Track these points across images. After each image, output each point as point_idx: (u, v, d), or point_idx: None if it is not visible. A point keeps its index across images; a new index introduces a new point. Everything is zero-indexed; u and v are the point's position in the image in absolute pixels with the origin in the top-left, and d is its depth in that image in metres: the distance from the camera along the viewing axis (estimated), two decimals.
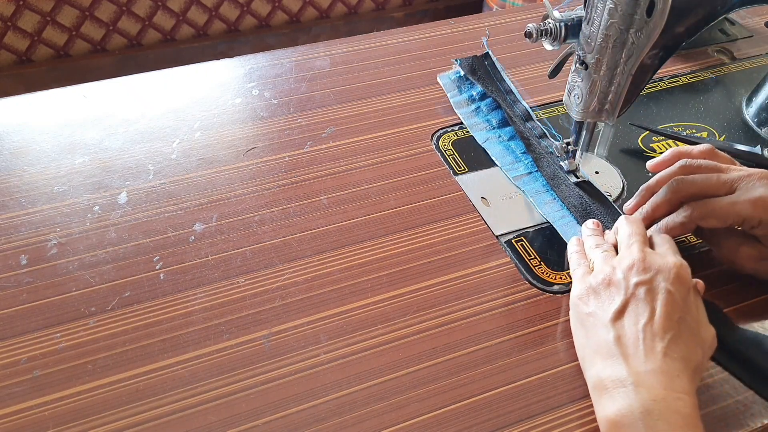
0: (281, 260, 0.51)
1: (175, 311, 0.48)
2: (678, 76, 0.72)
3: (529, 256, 0.53)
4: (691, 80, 0.72)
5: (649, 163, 0.55)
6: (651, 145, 0.63)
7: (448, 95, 0.67)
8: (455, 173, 0.60)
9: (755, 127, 0.66)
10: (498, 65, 0.68)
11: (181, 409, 0.42)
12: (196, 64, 0.71)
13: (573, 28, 0.49)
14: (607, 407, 0.39)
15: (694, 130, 0.65)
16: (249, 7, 1.75)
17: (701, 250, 0.54)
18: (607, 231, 0.51)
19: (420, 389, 0.44)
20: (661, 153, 0.62)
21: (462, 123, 0.65)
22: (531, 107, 0.65)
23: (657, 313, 0.40)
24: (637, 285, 0.42)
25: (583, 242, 0.50)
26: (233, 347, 0.46)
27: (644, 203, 0.52)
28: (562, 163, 0.59)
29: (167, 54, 1.72)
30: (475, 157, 0.61)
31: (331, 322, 0.47)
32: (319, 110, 0.66)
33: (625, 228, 0.47)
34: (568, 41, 0.50)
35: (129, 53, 1.70)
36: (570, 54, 0.52)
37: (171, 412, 0.42)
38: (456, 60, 0.69)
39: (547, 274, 0.51)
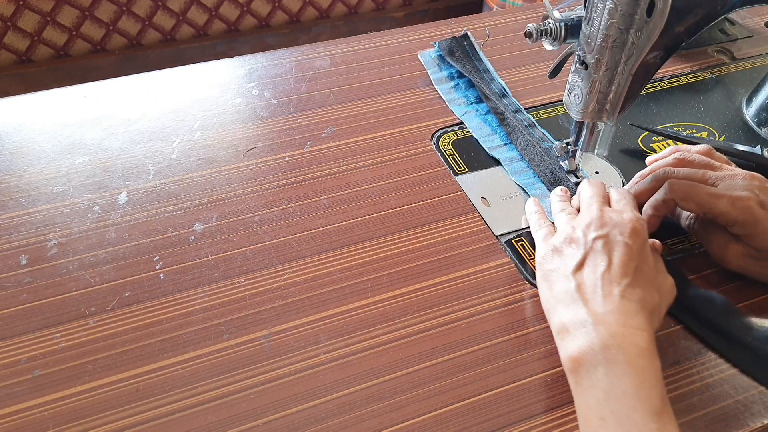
0: (281, 260, 0.51)
1: (175, 311, 0.48)
2: (678, 76, 0.72)
3: (529, 256, 0.53)
4: (691, 80, 0.72)
5: (648, 159, 0.57)
6: (651, 145, 0.63)
7: (429, 72, 0.70)
8: (455, 173, 0.60)
9: (755, 127, 0.66)
10: (476, 46, 0.71)
11: (181, 409, 0.42)
12: (196, 64, 0.71)
13: (573, 28, 0.49)
14: (569, 347, 0.41)
15: (694, 130, 0.65)
16: (249, 7, 1.75)
17: (700, 250, 0.54)
18: (573, 197, 0.53)
19: (420, 389, 0.44)
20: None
21: (461, 123, 0.65)
22: (511, 93, 0.68)
23: (614, 262, 0.43)
24: (595, 239, 0.44)
25: (551, 206, 0.53)
26: (233, 347, 0.46)
27: None
28: (562, 163, 0.59)
29: (167, 54, 1.72)
30: (475, 157, 0.61)
31: (331, 322, 0.47)
32: (319, 110, 0.66)
33: (586, 190, 0.49)
34: (568, 41, 0.50)
35: (129, 53, 1.70)
36: (570, 54, 0.52)
37: (171, 412, 0.42)
38: (435, 43, 0.72)
39: None
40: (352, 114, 0.65)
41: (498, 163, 0.61)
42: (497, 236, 0.54)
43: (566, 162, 0.58)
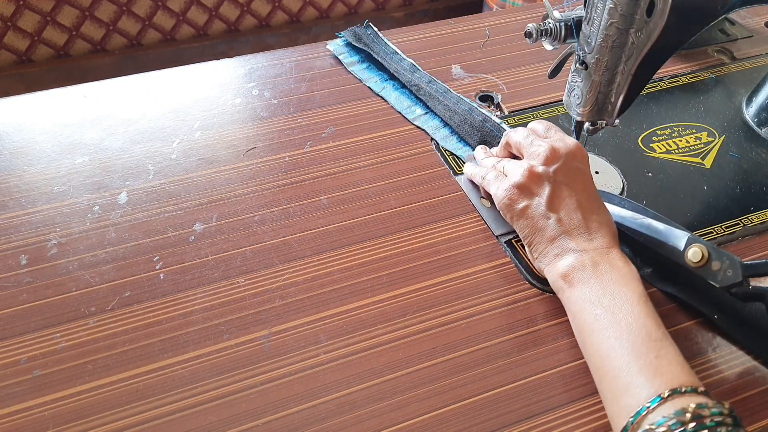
0: (281, 260, 0.51)
1: (175, 311, 0.48)
2: (678, 76, 0.72)
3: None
4: (691, 80, 0.72)
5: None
6: (651, 144, 0.63)
7: (340, 58, 0.72)
8: (455, 173, 0.60)
9: (755, 127, 0.66)
10: (380, 33, 0.73)
11: (181, 409, 0.42)
12: (196, 64, 0.71)
13: (573, 28, 0.49)
14: (559, 267, 0.46)
15: (694, 130, 0.65)
16: (249, 7, 1.75)
17: None
18: (495, 149, 0.58)
19: (420, 389, 0.44)
20: (661, 153, 0.63)
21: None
22: (414, 62, 0.70)
23: (580, 191, 0.48)
24: (557, 172, 0.48)
25: (479, 164, 0.57)
26: (233, 347, 0.46)
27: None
28: None
29: (167, 54, 1.72)
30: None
31: (331, 322, 0.47)
32: (319, 110, 0.66)
33: (517, 133, 0.53)
34: (568, 41, 0.50)
35: (129, 53, 1.70)
36: (570, 54, 0.52)
37: (171, 412, 0.42)
38: (340, 33, 0.73)
39: None
40: (352, 114, 0.65)
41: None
42: (497, 236, 0.54)
43: None
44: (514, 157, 0.54)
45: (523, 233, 0.49)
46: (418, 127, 0.63)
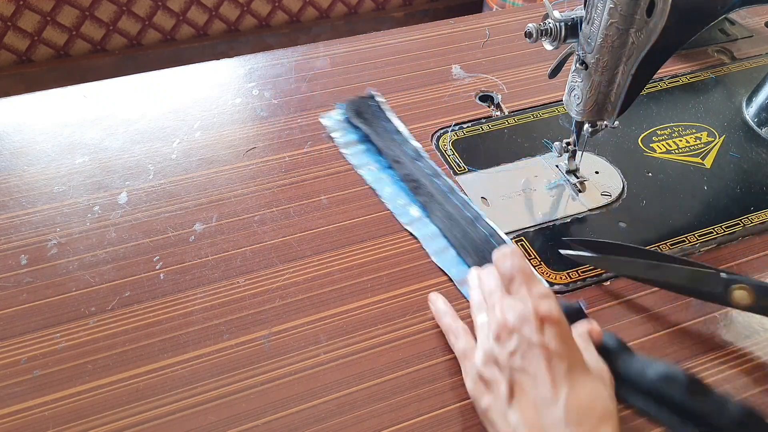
0: (281, 260, 0.51)
1: (175, 311, 0.48)
2: (678, 76, 0.72)
3: (530, 256, 0.53)
4: (691, 80, 0.72)
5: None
6: (651, 144, 0.63)
7: (333, 136, 0.62)
8: (455, 173, 0.60)
9: (755, 127, 0.66)
10: (383, 106, 0.65)
11: (181, 409, 0.42)
12: (196, 64, 0.71)
13: (573, 28, 0.49)
14: None
15: (694, 130, 0.65)
16: (249, 7, 1.75)
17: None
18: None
19: (420, 389, 0.44)
20: (661, 153, 0.63)
21: (461, 123, 0.65)
22: (421, 146, 0.61)
23: (541, 378, 0.37)
24: (511, 355, 0.38)
25: (470, 298, 0.47)
26: (233, 347, 0.46)
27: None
28: (561, 163, 0.59)
29: (167, 54, 1.72)
30: (475, 157, 0.61)
31: (331, 322, 0.47)
32: (319, 110, 0.66)
33: (484, 284, 0.44)
34: (568, 41, 0.50)
35: (129, 53, 1.70)
36: (570, 54, 0.52)
37: (171, 412, 0.42)
38: (338, 104, 0.65)
39: (547, 274, 0.51)
40: None
41: (497, 163, 0.61)
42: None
43: (566, 162, 0.58)
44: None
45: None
46: (411, 234, 0.54)
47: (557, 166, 0.60)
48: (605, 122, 0.52)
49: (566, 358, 0.37)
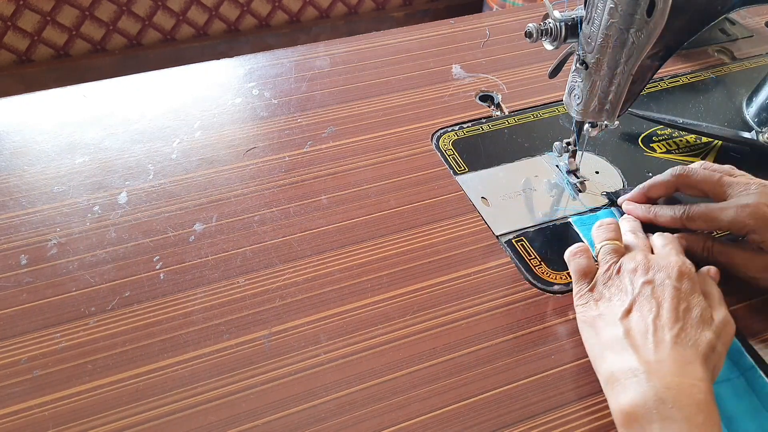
0: (281, 260, 0.51)
1: (175, 311, 0.48)
2: (678, 76, 0.72)
3: (530, 256, 0.53)
4: (691, 80, 0.72)
5: (647, 182, 0.55)
6: (651, 144, 0.63)
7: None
8: (455, 173, 0.60)
9: (755, 127, 0.66)
10: None
11: (181, 409, 0.42)
12: (196, 64, 0.71)
13: (573, 28, 0.49)
14: (620, 398, 0.39)
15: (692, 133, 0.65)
16: (249, 7, 1.75)
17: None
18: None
19: (420, 389, 0.44)
20: (661, 153, 0.63)
21: (461, 123, 0.65)
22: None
23: (664, 306, 0.42)
24: (643, 285, 0.43)
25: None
26: (233, 347, 0.46)
27: (637, 199, 0.54)
28: (562, 163, 0.59)
29: (167, 54, 1.72)
30: (475, 157, 0.61)
31: (331, 322, 0.47)
32: (319, 110, 0.66)
33: (631, 240, 0.49)
34: (568, 41, 0.50)
35: (129, 53, 1.70)
36: (570, 54, 0.52)
37: (171, 412, 0.42)
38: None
39: (547, 274, 0.51)
40: (352, 114, 0.65)
41: (497, 163, 0.61)
42: (497, 236, 0.54)
43: (566, 162, 0.58)
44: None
45: (588, 343, 0.44)
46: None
47: (557, 165, 0.60)
48: (605, 122, 0.52)
49: (691, 304, 0.42)
